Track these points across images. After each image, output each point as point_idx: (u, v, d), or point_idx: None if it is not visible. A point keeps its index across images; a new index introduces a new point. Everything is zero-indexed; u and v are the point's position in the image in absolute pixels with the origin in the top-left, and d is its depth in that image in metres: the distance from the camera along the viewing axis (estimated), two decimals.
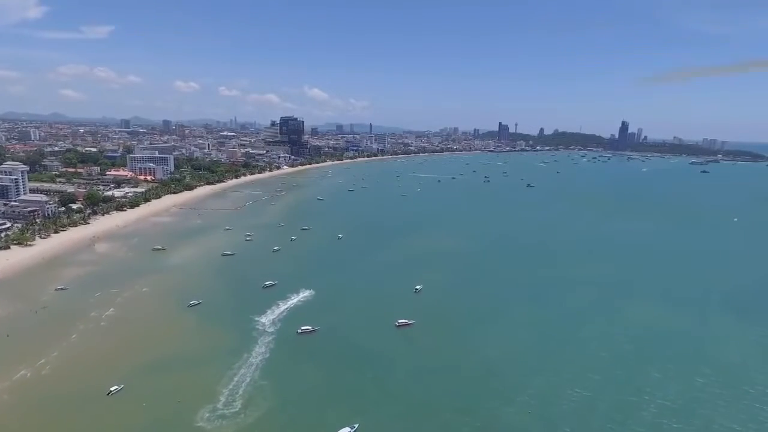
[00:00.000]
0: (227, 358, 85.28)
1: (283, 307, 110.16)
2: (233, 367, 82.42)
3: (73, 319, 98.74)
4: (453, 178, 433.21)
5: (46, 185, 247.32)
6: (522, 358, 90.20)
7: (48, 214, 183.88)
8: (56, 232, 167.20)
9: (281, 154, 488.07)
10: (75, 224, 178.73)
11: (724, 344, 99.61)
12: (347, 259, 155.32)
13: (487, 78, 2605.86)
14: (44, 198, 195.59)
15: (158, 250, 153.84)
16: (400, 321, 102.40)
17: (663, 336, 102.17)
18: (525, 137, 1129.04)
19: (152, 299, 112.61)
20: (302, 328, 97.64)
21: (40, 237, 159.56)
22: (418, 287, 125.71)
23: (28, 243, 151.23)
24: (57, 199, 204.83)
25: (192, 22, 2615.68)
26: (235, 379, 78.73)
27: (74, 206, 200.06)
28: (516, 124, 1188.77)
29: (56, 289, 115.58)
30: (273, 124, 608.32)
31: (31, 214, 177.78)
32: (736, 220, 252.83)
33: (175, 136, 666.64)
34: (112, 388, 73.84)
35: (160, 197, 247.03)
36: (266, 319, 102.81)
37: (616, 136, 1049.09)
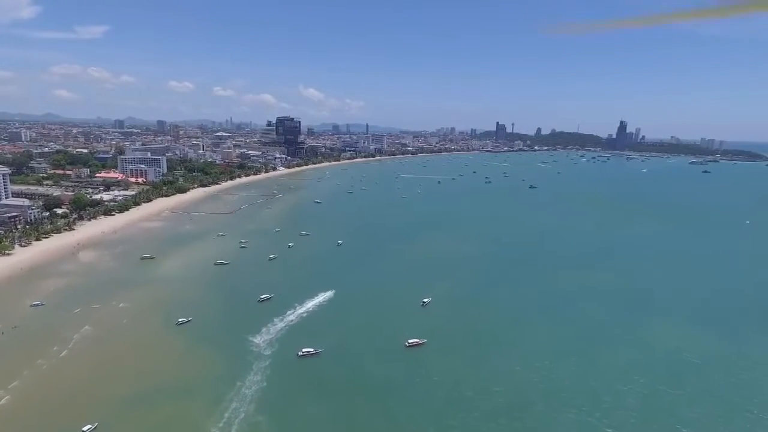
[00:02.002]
0: (218, 388, 75.55)
1: (281, 324, 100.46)
2: (225, 398, 72.74)
3: (46, 340, 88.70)
4: (453, 179, 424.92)
5: (33, 188, 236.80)
6: (548, 387, 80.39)
7: (30, 220, 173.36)
8: (38, 239, 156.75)
9: (277, 155, 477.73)
10: (59, 230, 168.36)
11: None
12: (348, 267, 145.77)
13: (483, 78, 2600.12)
14: (26, 202, 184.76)
15: (147, 258, 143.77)
16: (410, 341, 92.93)
17: (698, 358, 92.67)
18: (522, 137, 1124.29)
19: (137, 316, 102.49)
20: (303, 350, 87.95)
21: (20, 245, 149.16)
22: (426, 300, 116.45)
23: (6, 252, 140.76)
24: (41, 204, 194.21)
25: (186, 22, 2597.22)
26: (227, 414, 69.05)
27: (59, 211, 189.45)
28: (513, 124, 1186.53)
29: (31, 305, 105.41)
30: (269, 124, 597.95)
31: (12, 219, 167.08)
32: (748, 222, 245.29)
33: (169, 137, 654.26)
34: (84, 429, 64.00)
35: (151, 200, 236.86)
36: (262, 339, 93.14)
37: (614, 136, 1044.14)
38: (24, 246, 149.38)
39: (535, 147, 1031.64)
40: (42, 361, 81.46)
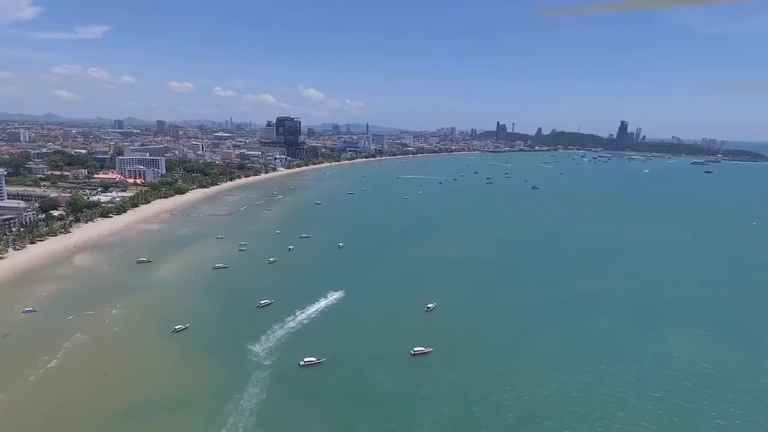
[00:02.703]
0: (215, 400, 72.11)
1: (281, 332, 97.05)
2: (221, 412, 69.29)
3: (37, 350, 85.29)
4: (454, 179, 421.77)
5: (29, 189, 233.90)
6: (558, 401, 76.48)
7: (25, 222, 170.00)
8: (32, 242, 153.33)
9: (277, 156, 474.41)
10: (54, 233, 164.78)
11: None
12: (350, 271, 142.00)
13: (483, 78, 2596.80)
14: (22, 204, 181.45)
15: (143, 262, 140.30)
16: (415, 349, 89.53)
17: (714, 368, 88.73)
18: (523, 137, 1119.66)
19: (131, 323, 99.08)
20: (305, 359, 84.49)
21: (14, 248, 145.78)
22: (430, 305, 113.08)
23: (0, 256, 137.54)
24: (37, 206, 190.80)
25: (186, 23, 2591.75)
26: (224, 430, 65.64)
27: (55, 213, 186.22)
28: (513, 124, 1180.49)
29: (23, 312, 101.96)
30: (269, 124, 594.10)
31: (7, 222, 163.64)
32: (754, 224, 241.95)
33: (168, 137, 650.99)
34: None
35: (149, 202, 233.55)
36: (261, 348, 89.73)
37: (615, 136, 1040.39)
38: (18, 249, 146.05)
39: (536, 147, 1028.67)
40: (30, 372, 77.90)
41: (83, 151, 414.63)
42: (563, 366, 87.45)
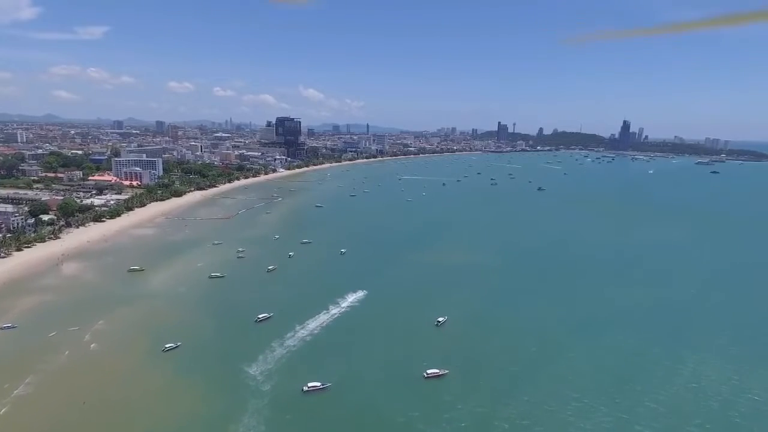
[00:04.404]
0: None
1: (280, 350, 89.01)
2: None
3: (11, 373, 77.09)
4: (458, 180, 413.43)
5: (21, 192, 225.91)
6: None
7: (13, 228, 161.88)
8: (19, 249, 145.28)
9: (277, 156, 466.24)
10: (42, 239, 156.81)
11: None
12: (353, 280, 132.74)
13: (483, 78, 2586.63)
14: (10, 208, 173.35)
15: (135, 271, 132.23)
16: (429, 371, 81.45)
17: (759, 395, 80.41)
18: (524, 137, 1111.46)
19: (120, 341, 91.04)
20: (309, 385, 76.31)
21: None
22: (440, 319, 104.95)
23: None
24: (26, 210, 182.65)
25: (186, 23, 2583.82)
26: None
27: (45, 217, 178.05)
28: (514, 124, 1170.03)
29: (1, 329, 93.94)
30: (269, 124, 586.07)
31: None
32: None
33: (167, 138, 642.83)
34: None
35: (144, 205, 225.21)
36: (260, 370, 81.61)
37: (617, 136, 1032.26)
38: (3, 257, 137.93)
39: (538, 147, 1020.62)
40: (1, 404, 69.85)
41: (80, 152, 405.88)
42: (590, 394, 78.57)
